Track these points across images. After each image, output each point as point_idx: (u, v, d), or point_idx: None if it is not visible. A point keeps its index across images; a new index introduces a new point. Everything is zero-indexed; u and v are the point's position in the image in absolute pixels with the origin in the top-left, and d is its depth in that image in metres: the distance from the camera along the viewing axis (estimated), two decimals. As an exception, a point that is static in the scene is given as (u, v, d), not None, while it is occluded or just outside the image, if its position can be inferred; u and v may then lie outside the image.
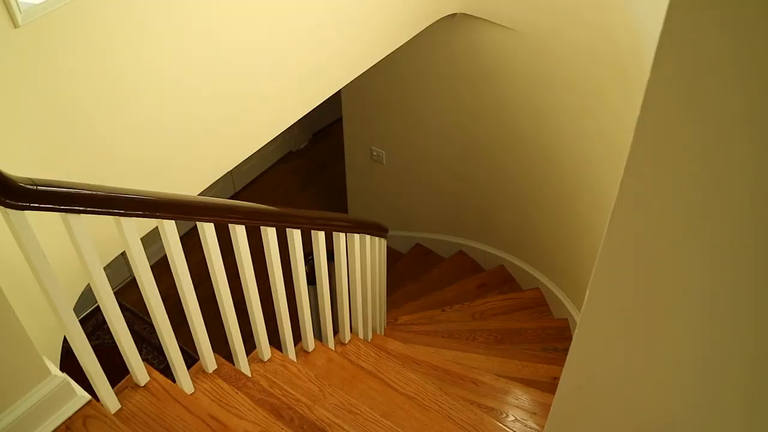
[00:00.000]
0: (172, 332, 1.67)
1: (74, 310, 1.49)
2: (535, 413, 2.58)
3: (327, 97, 2.47)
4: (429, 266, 3.97)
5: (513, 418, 2.55)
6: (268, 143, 2.30)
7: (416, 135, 3.70)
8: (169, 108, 1.86)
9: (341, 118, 4.13)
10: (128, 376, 1.69)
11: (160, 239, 1.55)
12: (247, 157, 2.28)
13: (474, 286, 3.65)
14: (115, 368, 1.68)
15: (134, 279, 1.59)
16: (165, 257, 1.58)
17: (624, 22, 2.34)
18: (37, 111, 1.55)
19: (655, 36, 0.60)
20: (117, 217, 1.40)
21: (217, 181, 2.18)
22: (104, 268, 1.47)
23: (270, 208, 1.83)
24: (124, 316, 1.53)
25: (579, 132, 2.79)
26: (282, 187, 4.87)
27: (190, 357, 3.45)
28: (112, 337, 1.57)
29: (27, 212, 1.22)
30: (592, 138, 2.71)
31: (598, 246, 0.81)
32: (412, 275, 3.90)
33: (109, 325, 1.52)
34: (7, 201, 1.17)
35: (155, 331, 1.66)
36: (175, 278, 1.63)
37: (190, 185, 2.05)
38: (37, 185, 1.21)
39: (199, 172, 2.08)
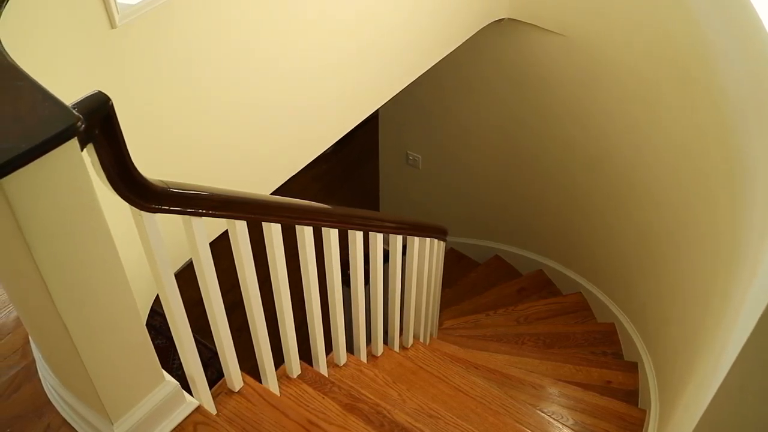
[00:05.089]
0: (266, 335, 1.66)
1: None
2: (594, 416, 2.58)
3: (382, 104, 2.49)
4: (464, 271, 3.97)
5: (573, 421, 2.54)
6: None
7: (455, 139, 3.69)
8: (249, 108, 1.87)
9: (366, 122, 4.09)
10: (222, 380, 1.67)
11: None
12: (310, 161, 2.29)
13: (513, 291, 3.65)
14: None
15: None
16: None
17: (684, 24, 2.33)
18: (131, 111, 1.54)
19: (723, 41, 0.55)
20: (230, 220, 1.40)
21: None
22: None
23: (358, 210, 1.82)
24: (156, 322, 1.51)
25: (632, 135, 2.79)
26: (309, 191, 4.85)
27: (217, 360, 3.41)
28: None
29: (157, 215, 1.21)
30: (648, 141, 2.71)
31: (652, 247, 0.81)
32: (447, 280, 3.88)
33: (212, 326, 1.51)
34: (145, 204, 1.16)
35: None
36: (273, 281, 1.62)
37: (259, 187, 2.05)
38: (169, 188, 1.20)
39: (269, 174, 2.09)
